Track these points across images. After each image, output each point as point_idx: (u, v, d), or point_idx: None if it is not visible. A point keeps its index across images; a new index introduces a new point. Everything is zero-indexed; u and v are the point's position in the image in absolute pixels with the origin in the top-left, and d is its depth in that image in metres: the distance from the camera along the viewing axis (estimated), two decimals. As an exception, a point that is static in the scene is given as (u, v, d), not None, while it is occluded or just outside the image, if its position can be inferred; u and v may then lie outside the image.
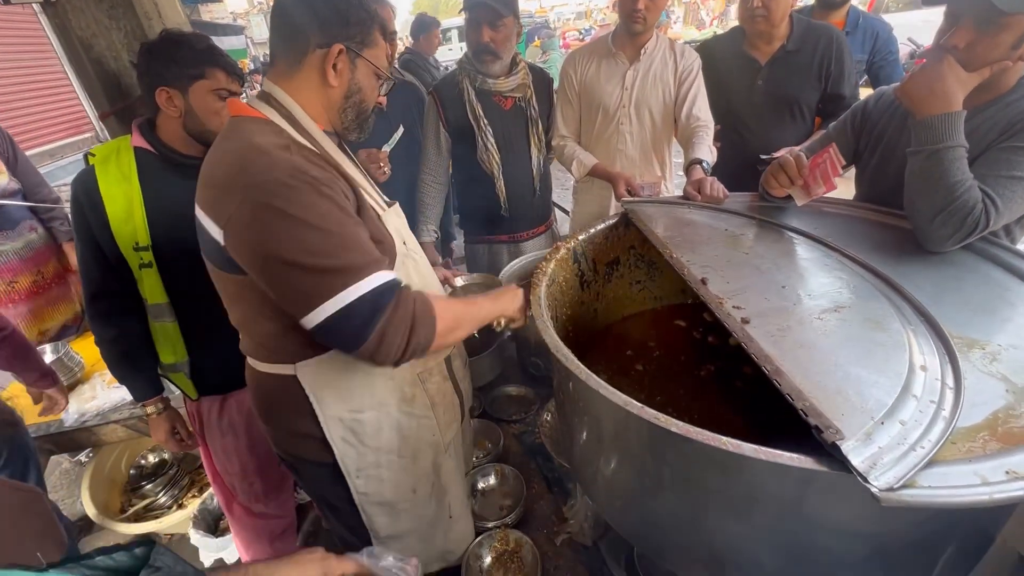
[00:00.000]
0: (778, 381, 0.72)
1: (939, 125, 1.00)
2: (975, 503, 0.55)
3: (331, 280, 0.79)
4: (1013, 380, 0.72)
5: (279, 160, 0.79)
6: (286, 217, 0.77)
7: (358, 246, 0.82)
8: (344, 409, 1.01)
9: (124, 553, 0.49)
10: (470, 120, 1.83)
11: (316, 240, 0.78)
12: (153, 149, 1.23)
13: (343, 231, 0.81)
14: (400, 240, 1.02)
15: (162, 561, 0.49)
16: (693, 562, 0.90)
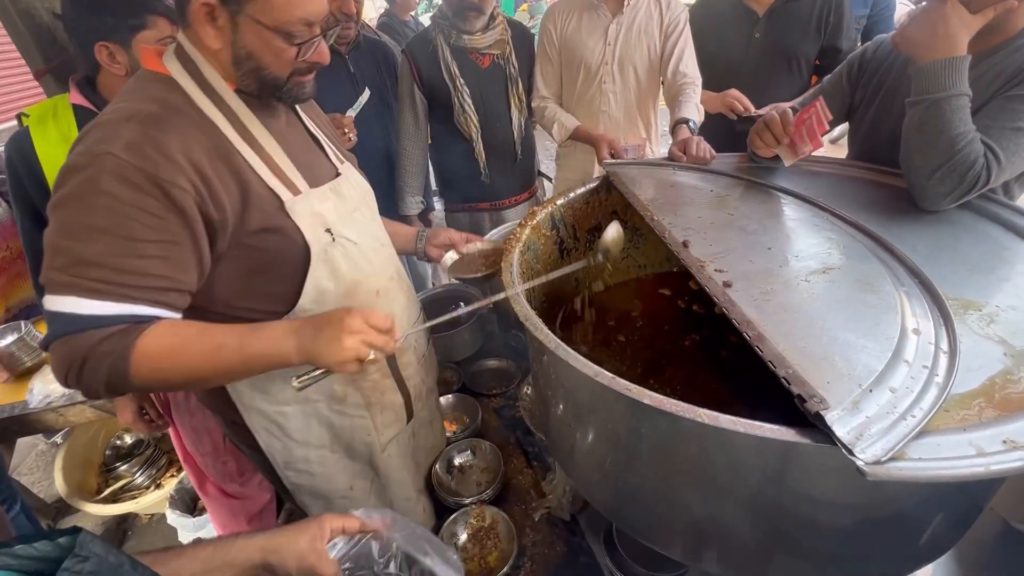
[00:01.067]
0: (760, 348, 0.66)
1: (941, 72, 0.93)
2: (970, 476, 0.50)
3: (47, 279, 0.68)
4: (1012, 343, 0.67)
5: (99, 134, 0.70)
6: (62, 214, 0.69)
7: (81, 260, 0.67)
8: (264, 402, 0.94)
9: (47, 542, 0.44)
10: (445, 80, 1.72)
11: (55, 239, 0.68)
12: (95, 108, 1.13)
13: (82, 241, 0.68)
14: (322, 226, 0.86)
15: (89, 550, 0.44)
16: (671, 538, 0.87)
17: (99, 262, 0.67)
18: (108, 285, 0.68)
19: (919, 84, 0.96)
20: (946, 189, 0.96)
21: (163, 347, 0.71)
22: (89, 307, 0.68)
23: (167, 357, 0.72)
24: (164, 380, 0.75)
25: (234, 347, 0.75)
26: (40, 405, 1.66)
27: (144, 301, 0.71)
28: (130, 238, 0.68)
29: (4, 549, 0.42)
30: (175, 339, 0.73)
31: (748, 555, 0.80)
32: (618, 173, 1.28)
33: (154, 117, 0.72)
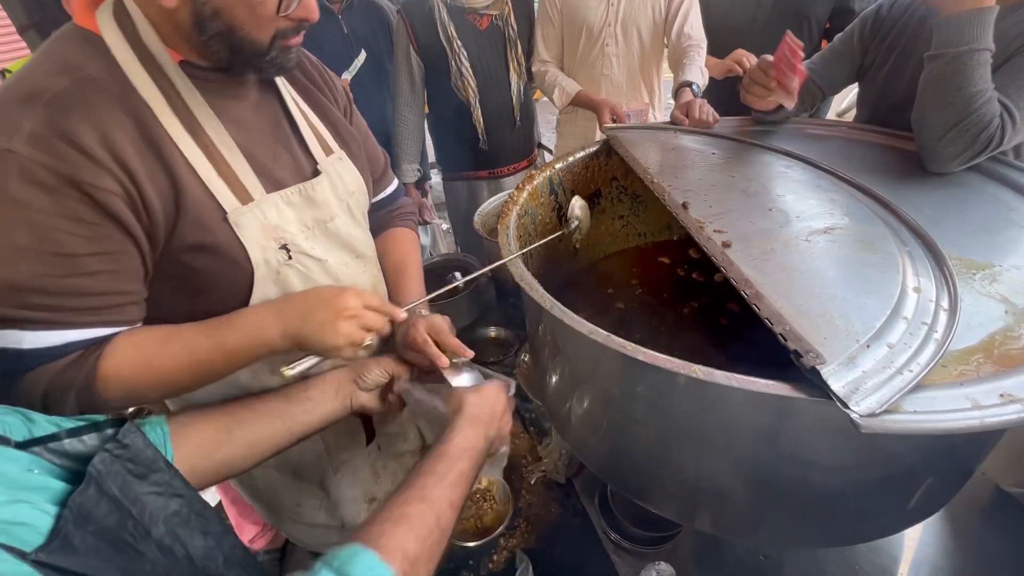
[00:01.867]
0: (757, 306, 0.65)
1: (967, 24, 0.88)
2: (964, 428, 0.50)
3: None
4: (1013, 301, 0.66)
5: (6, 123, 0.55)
6: None
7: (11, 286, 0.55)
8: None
9: (94, 435, 0.47)
10: (442, 42, 1.67)
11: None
12: None
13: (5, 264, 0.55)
14: (276, 242, 0.72)
15: (131, 440, 0.47)
16: (666, 498, 0.88)
17: (32, 286, 0.56)
18: (49, 313, 0.57)
19: (941, 36, 0.91)
20: (957, 150, 0.93)
21: (129, 364, 0.62)
22: (32, 340, 0.56)
23: (138, 374, 0.62)
24: (141, 396, 0.65)
25: (208, 347, 0.66)
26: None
27: (95, 324, 0.60)
28: (63, 254, 0.57)
29: (54, 444, 0.44)
30: (139, 353, 0.63)
31: (742, 514, 0.81)
32: (618, 137, 1.25)
33: (63, 97, 0.57)
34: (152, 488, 0.47)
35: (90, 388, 0.60)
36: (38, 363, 0.58)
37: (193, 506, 0.50)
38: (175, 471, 0.51)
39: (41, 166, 0.54)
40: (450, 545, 1.03)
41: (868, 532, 0.83)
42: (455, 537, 1.05)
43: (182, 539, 0.47)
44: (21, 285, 0.55)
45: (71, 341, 0.59)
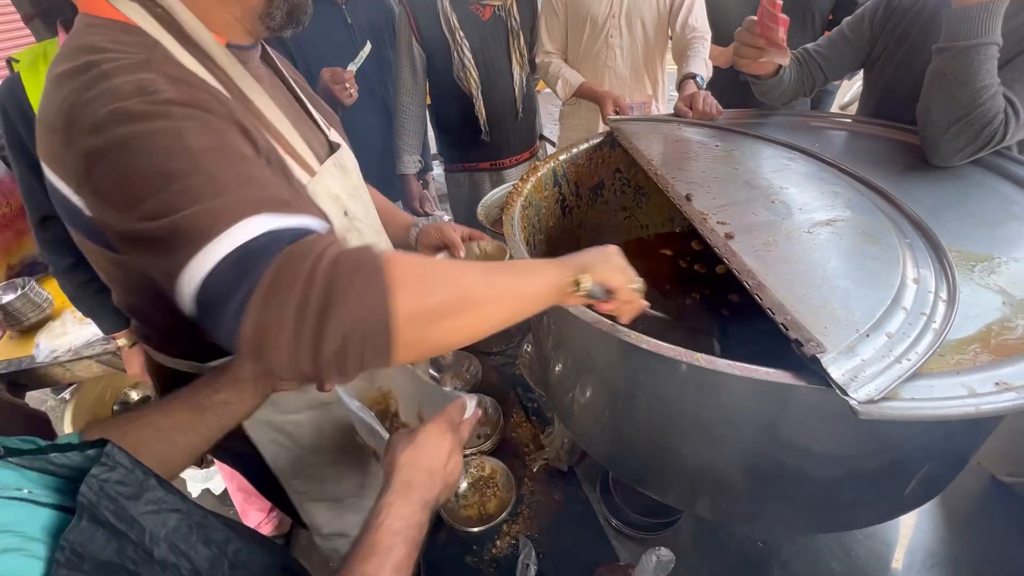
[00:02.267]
0: (759, 296, 0.66)
1: (977, 17, 0.88)
2: (960, 415, 0.51)
3: (184, 240, 0.47)
4: (1011, 292, 0.67)
5: (119, 86, 0.51)
6: (132, 170, 0.50)
7: (221, 186, 0.49)
8: (272, 412, 0.82)
9: (76, 453, 0.46)
10: (444, 32, 1.67)
11: (169, 193, 0.48)
12: None
13: (201, 172, 0.49)
14: (341, 209, 0.76)
15: (116, 460, 0.45)
16: (667, 485, 0.89)
17: (240, 176, 0.50)
18: (277, 196, 0.51)
19: (951, 29, 0.91)
20: (960, 144, 0.93)
21: (413, 259, 0.51)
22: (276, 222, 0.48)
23: (428, 267, 0.52)
24: (432, 294, 0.50)
25: (506, 267, 0.58)
26: (47, 360, 1.69)
27: (316, 215, 0.53)
28: (244, 155, 0.54)
29: (40, 455, 0.43)
30: (419, 257, 0.55)
31: (741, 501, 0.83)
32: (622, 129, 1.26)
33: (167, 63, 0.57)
34: (148, 507, 0.45)
35: (379, 269, 0.47)
36: (296, 237, 0.48)
37: (192, 517, 0.49)
38: (168, 486, 0.49)
39: (196, 107, 0.52)
40: (454, 531, 1.06)
41: (865, 518, 0.85)
42: (459, 523, 1.07)
43: (186, 553, 0.46)
44: (243, 177, 0.51)
45: (313, 225, 0.51)
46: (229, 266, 0.45)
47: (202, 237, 0.46)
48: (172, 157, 0.49)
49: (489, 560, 1.04)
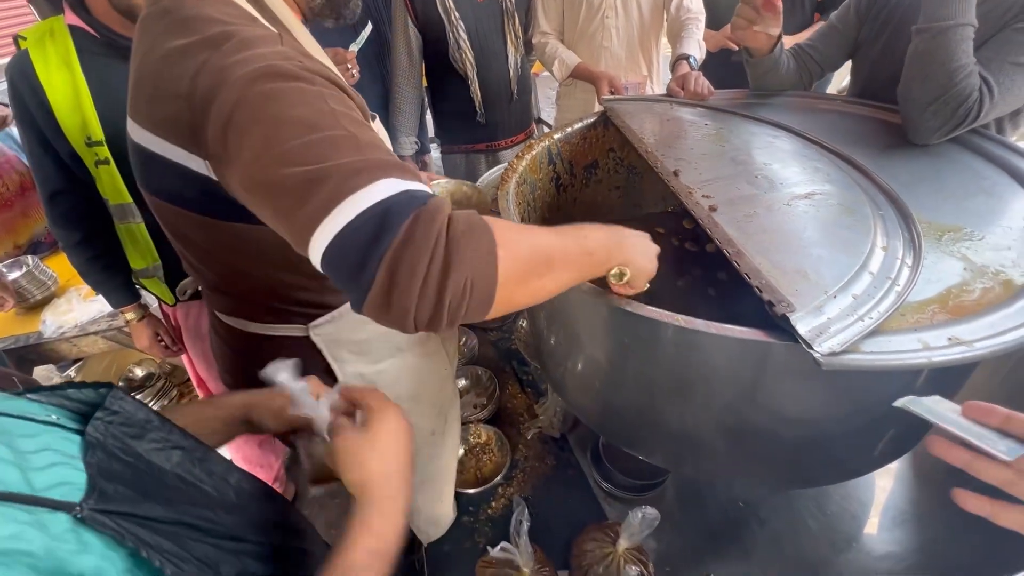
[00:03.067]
0: (738, 262, 0.71)
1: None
2: (913, 366, 0.56)
3: (325, 190, 0.49)
4: (972, 259, 0.72)
5: (266, 52, 0.55)
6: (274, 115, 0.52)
7: (360, 145, 0.52)
8: (364, 364, 0.86)
9: (90, 390, 0.50)
10: (440, 14, 1.68)
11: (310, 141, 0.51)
12: (92, 29, 1.12)
13: (343, 129, 0.53)
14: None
15: (120, 405, 0.49)
16: (654, 446, 0.95)
17: (378, 143, 0.54)
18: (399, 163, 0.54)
19: (929, 10, 0.95)
20: (938, 123, 0.97)
21: (507, 223, 0.56)
22: (406, 185, 0.51)
23: (517, 228, 0.56)
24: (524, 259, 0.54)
25: (577, 240, 0.62)
26: (54, 335, 1.73)
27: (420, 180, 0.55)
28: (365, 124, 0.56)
29: (60, 392, 0.47)
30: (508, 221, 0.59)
31: (722, 459, 0.88)
32: (615, 108, 1.29)
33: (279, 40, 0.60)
34: (152, 445, 0.48)
35: (492, 246, 0.51)
36: (426, 197, 0.51)
37: (195, 453, 0.53)
38: (171, 424, 0.52)
39: (310, 70, 0.55)
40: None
41: (838, 474, 0.90)
42: (457, 486, 1.13)
43: (192, 483, 0.50)
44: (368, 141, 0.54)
45: (426, 190, 0.53)
46: (371, 218, 0.48)
47: (347, 188, 0.49)
48: (317, 112, 0.52)
49: (485, 519, 1.10)
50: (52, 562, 0.34)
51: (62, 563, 0.35)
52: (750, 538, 1.01)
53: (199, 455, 0.54)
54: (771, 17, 1.15)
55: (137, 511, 0.42)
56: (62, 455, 0.41)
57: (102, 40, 1.12)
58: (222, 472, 0.56)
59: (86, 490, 0.40)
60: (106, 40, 1.12)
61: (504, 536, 0.96)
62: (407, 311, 0.48)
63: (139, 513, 0.42)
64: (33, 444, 0.40)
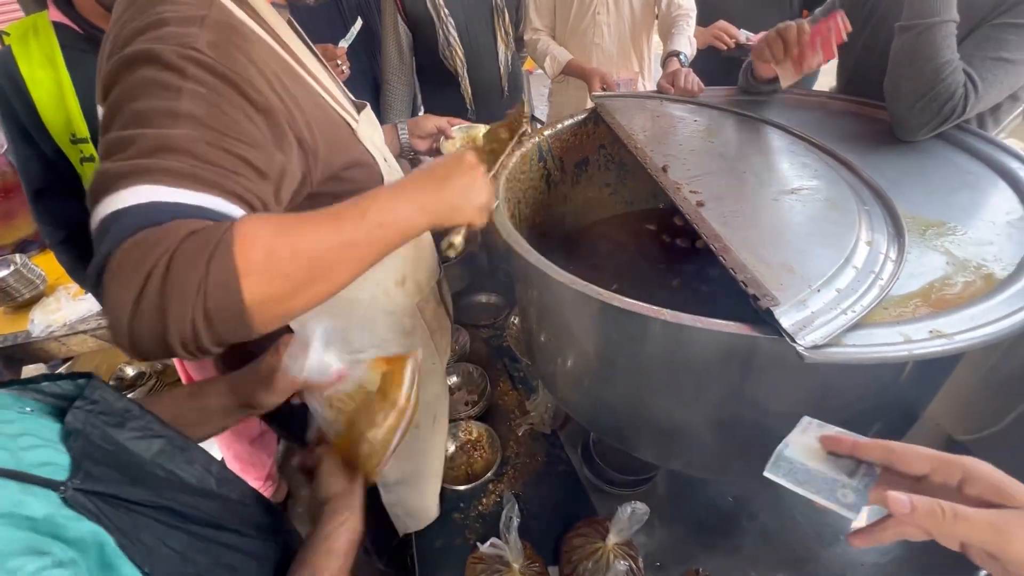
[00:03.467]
0: (724, 257, 0.71)
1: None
2: (895, 358, 0.56)
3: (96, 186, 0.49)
4: (955, 254, 0.73)
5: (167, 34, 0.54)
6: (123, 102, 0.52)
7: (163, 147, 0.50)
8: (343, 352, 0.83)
9: (67, 381, 0.50)
10: (429, 10, 1.68)
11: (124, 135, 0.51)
12: (76, 26, 1.11)
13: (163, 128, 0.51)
14: (381, 155, 0.81)
15: (100, 395, 0.48)
16: (644, 442, 0.95)
17: (185, 148, 0.51)
18: (195, 169, 0.51)
19: (912, 7, 0.95)
20: (925, 119, 0.98)
21: (269, 228, 0.51)
22: (168, 195, 0.48)
23: (280, 236, 0.51)
24: (283, 274, 0.51)
25: (354, 216, 0.57)
26: (43, 335, 1.72)
27: (231, 194, 0.52)
28: (219, 130, 0.54)
29: (33, 385, 0.47)
30: (277, 221, 0.53)
31: (711, 454, 0.88)
32: (606, 105, 1.29)
33: (224, 24, 0.59)
34: (132, 434, 0.48)
35: (228, 249, 0.47)
36: (173, 216, 0.48)
37: (175, 443, 0.53)
38: (151, 414, 0.52)
39: (220, 64, 0.54)
40: (442, 489, 1.12)
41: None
42: (447, 482, 1.13)
43: (173, 472, 0.51)
44: (174, 145, 0.51)
45: (204, 205, 0.50)
46: (105, 227, 0.46)
47: (106, 189, 0.48)
48: (152, 106, 0.52)
49: (476, 516, 1.10)
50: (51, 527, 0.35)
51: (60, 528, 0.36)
52: (739, 532, 1.02)
53: (179, 444, 0.54)
54: (793, 68, 1.11)
55: (121, 493, 0.43)
56: (43, 439, 0.41)
57: (86, 36, 1.11)
58: (203, 462, 0.56)
59: (71, 470, 0.40)
60: (90, 36, 1.11)
61: (494, 532, 0.97)
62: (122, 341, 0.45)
63: (123, 495, 0.43)
64: (13, 429, 0.40)
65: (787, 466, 0.50)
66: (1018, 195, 0.85)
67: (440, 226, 0.67)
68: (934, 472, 0.43)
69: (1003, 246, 0.74)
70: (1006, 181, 0.89)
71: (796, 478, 0.49)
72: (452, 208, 0.66)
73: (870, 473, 0.46)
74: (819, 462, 0.49)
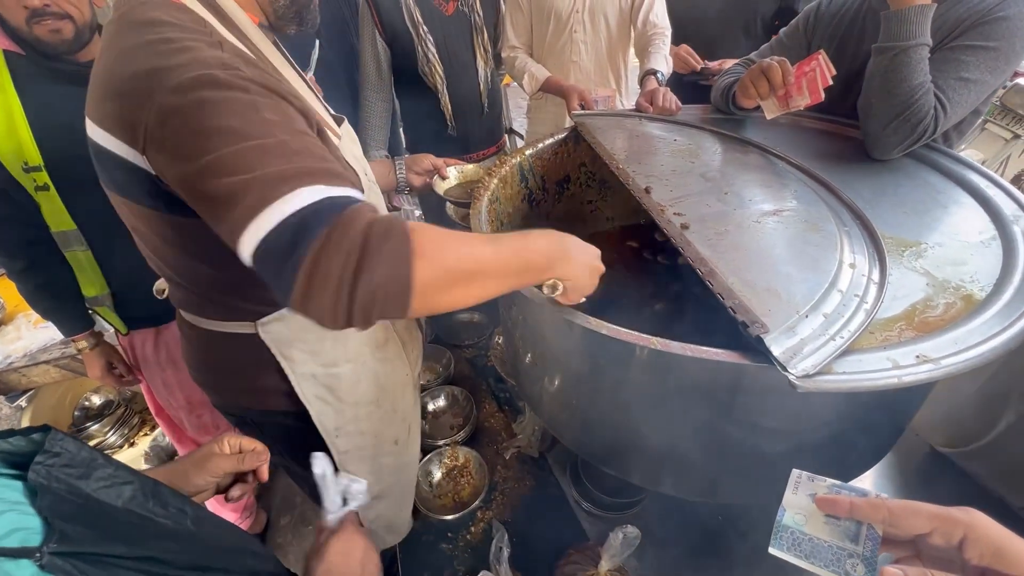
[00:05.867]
0: (711, 282, 0.71)
1: (913, 19, 0.94)
2: (885, 386, 0.56)
3: (250, 198, 0.53)
4: (935, 275, 0.74)
5: (206, 58, 0.58)
6: (207, 125, 0.55)
7: (288, 153, 0.56)
8: (316, 365, 0.87)
9: (20, 437, 0.47)
10: (408, 27, 1.67)
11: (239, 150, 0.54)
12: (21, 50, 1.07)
13: (273, 137, 0.56)
14: (362, 171, 0.83)
15: (61, 447, 0.46)
16: (632, 466, 0.94)
17: (304, 149, 0.57)
18: (328, 168, 0.57)
19: (890, 30, 0.98)
20: (899, 139, 1.00)
21: (436, 230, 0.57)
22: (328, 191, 0.55)
23: (448, 238, 0.58)
24: (446, 267, 0.57)
25: (508, 241, 0.64)
26: (1, 365, 1.63)
27: (351, 184, 0.59)
28: (302, 131, 0.60)
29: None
30: (441, 232, 0.58)
31: (699, 477, 0.88)
32: (586, 124, 1.29)
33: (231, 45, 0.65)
34: (100, 483, 0.47)
35: (405, 239, 0.54)
36: (349, 204, 0.55)
37: (146, 487, 0.51)
38: (117, 463, 0.50)
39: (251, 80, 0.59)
40: (429, 519, 1.09)
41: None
42: (434, 512, 1.10)
43: (146, 516, 0.49)
44: (292, 149, 0.57)
45: (356, 195, 0.57)
46: (290, 226, 0.52)
47: (270, 196, 0.53)
48: (248, 122, 0.56)
49: (464, 546, 1.07)
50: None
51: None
52: (730, 551, 1.01)
53: (150, 488, 0.51)
54: (778, 104, 1.13)
55: (99, 549, 0.41)
56: (8, 502, 0.38)
57: (34, 60, 1.07)
58: (176, 503, 0.53)
59: (44, 533, 0.38)
60: (36, 60, 1.07)
61: (484, 563, 0.94)
62: (323, 311, 0.53)
63: (102, 552, 0.41)
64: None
65: (790, 538, 0.49)
66: (988, 213, 0.88)
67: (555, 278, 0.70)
68: (935, 531, 0.42)
69: (978, 265, 0.76)
70: (976, 200, 0.91)
71: (801, 551, 0.48)
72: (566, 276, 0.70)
73: (873, 536, 0.45)
74: (819, 528, 0.48)
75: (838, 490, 0.49)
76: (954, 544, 0.41)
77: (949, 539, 0.41)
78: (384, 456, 1.03)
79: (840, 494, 0.48)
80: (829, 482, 0.50)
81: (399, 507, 1.09)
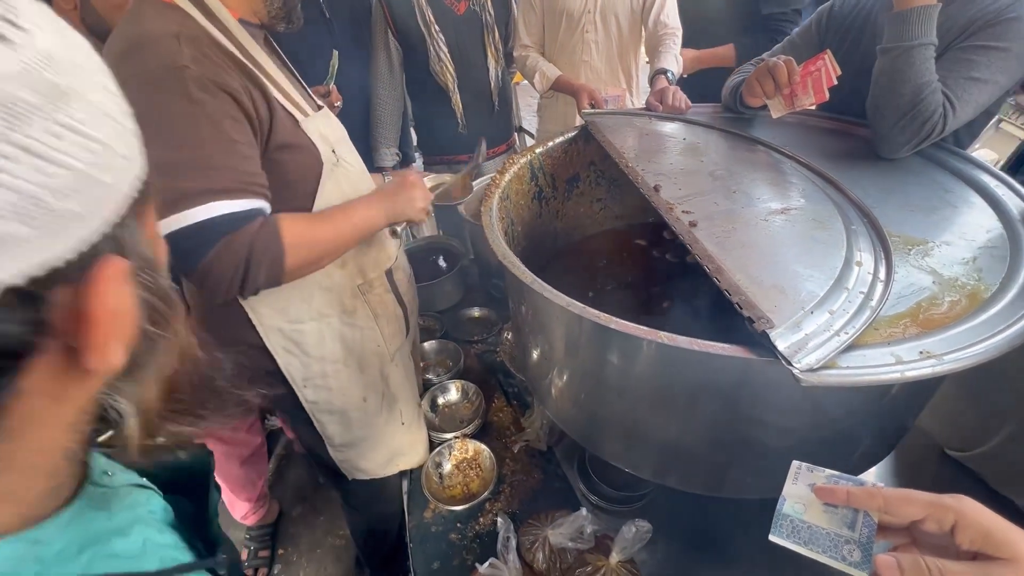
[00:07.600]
0: (718, 279, 0.72)
1: (916, 19, 0.95)
2: (888, 380, 0.58)
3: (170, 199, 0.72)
4: (941, 272, 0.75)
5: (161, 52, 0.72)
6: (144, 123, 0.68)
7: (204, 168, 0.74)
8: (282, 320, 1.01)
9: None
10: (420, 26, 1.69)
11: (166, 155, 0.71)
12: None
13: (198, 149, 0.74)
14: (327, 148, 0.96)
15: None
16: (640, 459, 0.95)
17: (222, 164, 0.75)
18: (237, 183, 0.76)
19: (894, 31, 0.98)
20: (906, 138, 1.01)
21: (299, 232, 0.83)
22: (228, 207, 0.74)
23: (306, 240, 0.85)
24: (306, 263, 0.87)
25: (346, 221, 0.91)
26: None
27: (261, 195, 0.80)
28: (231, 140, 0.76)
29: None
30: (303, 224, 0.85)
31: (706, 470, 0.89)
32: (596, 122, 1.31)
33: (194, 37, 0.76)
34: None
35: (280, 251, 0.80)
36: (240, 225, 0.76)
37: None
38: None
39: (206, 77, 0.73)
40: (439, 510, 1.11)
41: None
42: (444, 502, 1.12)
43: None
44: (215, 164, 0.74)
45: (254, 208, 0.78)
46: (189, 236, 0.73)
47: (178, 206, 0.72)
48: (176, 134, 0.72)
49: (472, 536, 1.09)
50: None
51: None
52: (737, 544, 1.02)
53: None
54: (784, 103, 1.14)
55: None
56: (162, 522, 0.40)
57: None
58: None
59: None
60: None
61: (492, 552, 0.96)
62: (216, 296, 0.80)
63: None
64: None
65: (789, 525, 0.51)
66: (995, 211, 0.88)
67: (395, 222, 1.03)
68: (928, 518, 0.44)
69: (984, 263, 0.76)
70: (983, 198, 0.92)
71: (800, 538, 0.50)
72: (399, 212, 1.00)
73: (869, 523, 0.47)
74: (818, 516, 0.50)
75: (836, 480, 0.51)
76: (946, 530, 0.43)
77: (941, 525, 0.43)
78: (352, 411, 1.15)
79: (838, 484, 0.50)
80: (828, 472, 0.52)
81: (367, 460, 1.24)
